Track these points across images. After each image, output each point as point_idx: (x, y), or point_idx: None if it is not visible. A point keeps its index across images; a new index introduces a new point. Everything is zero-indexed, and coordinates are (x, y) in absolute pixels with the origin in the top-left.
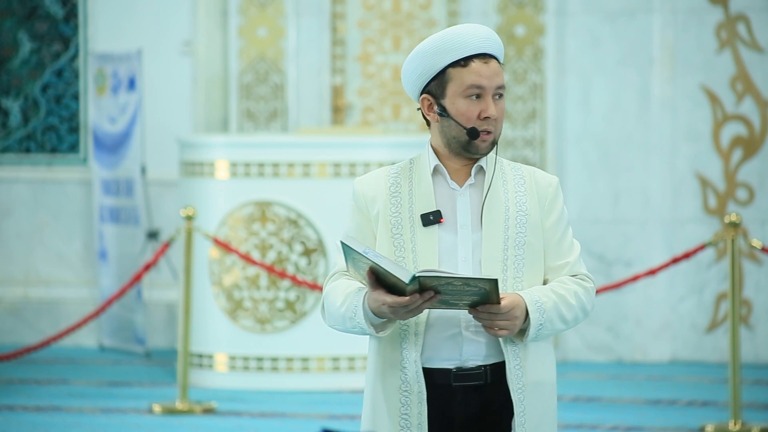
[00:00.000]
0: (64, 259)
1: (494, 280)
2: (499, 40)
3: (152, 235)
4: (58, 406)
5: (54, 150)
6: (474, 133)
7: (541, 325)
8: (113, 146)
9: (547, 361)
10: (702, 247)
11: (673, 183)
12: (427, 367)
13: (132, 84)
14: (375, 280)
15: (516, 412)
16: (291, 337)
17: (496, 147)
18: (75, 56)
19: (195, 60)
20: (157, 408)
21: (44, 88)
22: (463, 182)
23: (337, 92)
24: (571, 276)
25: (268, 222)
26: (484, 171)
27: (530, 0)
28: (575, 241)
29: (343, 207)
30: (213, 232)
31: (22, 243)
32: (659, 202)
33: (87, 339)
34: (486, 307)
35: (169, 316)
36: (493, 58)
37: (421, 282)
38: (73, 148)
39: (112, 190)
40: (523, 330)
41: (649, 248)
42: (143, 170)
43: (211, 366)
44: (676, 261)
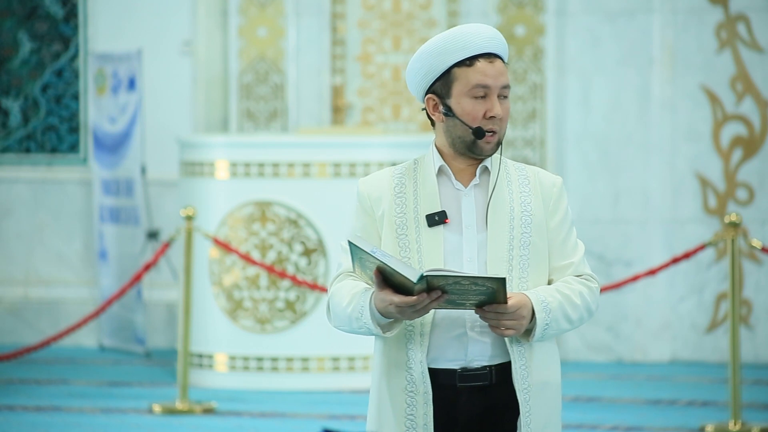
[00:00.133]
0: (64, 259)
1: (502, 279)
2: (504, 40)
3: (152, 235)
4: (58, 406)
5: (54, 150)
6: (479, 133)
7: (547, 324)
8: (113, 146)
9: (553, 361)
10: (702, 247)
11: (673, 183)
12: (433, 368)
13: (132, 84)
14: (382, 280)
15: (522, 413)
16: (291, 337)
17: (501, 147)
18: (75, 56)
19: (195, 60)
20: (157, 408)
21: (44, 88)
22: (468, 182)
23: (337, 92)
24: (576, 276)
25: (268, 222)
26: (489, 171)
27: (530, 0)
28: (579, 241)
29: (344, 207)
30: (213, 232)
31: (22, 243)
32: (659, 202)
33: (87, 339)
34: (493, 306)
35: (169, 316)
36: (498, 58)
37: (428, 281)
38: (73, 148)
39: (112, 190)
40: (529, 330)
41: (649, 248)
42: (143, 170)
43: (211, 366)
44: (676, 261)
